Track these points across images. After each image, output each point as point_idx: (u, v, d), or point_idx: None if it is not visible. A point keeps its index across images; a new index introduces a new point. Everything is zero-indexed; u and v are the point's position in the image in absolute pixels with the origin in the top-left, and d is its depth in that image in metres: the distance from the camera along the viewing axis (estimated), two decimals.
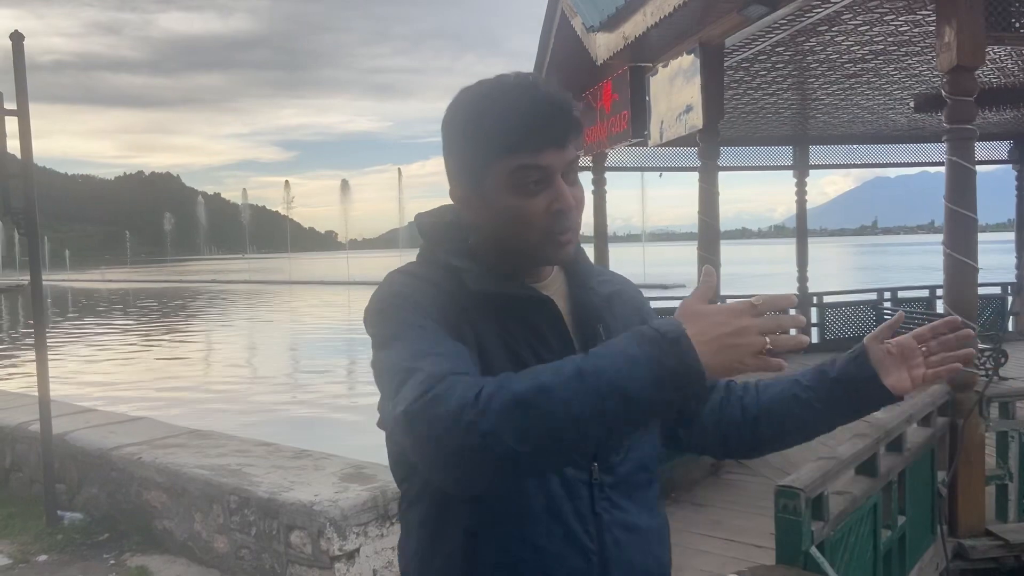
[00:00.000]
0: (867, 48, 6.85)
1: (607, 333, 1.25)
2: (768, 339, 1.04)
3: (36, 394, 6.51)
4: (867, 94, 8.81)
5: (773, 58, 7.11)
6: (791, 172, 12.41)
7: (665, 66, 6.86)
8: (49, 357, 5.30)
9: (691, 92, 6.37)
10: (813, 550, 2.97)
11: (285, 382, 17.73)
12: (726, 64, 6.48)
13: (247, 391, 16.66)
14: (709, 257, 6.44)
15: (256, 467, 4.44)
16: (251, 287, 60.21)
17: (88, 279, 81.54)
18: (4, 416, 5.97)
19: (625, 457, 1.27)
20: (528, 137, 1.14)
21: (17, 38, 4.96)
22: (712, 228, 6.50)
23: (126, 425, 5.60)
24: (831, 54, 7.02)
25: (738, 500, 5.70)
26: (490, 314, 1.20)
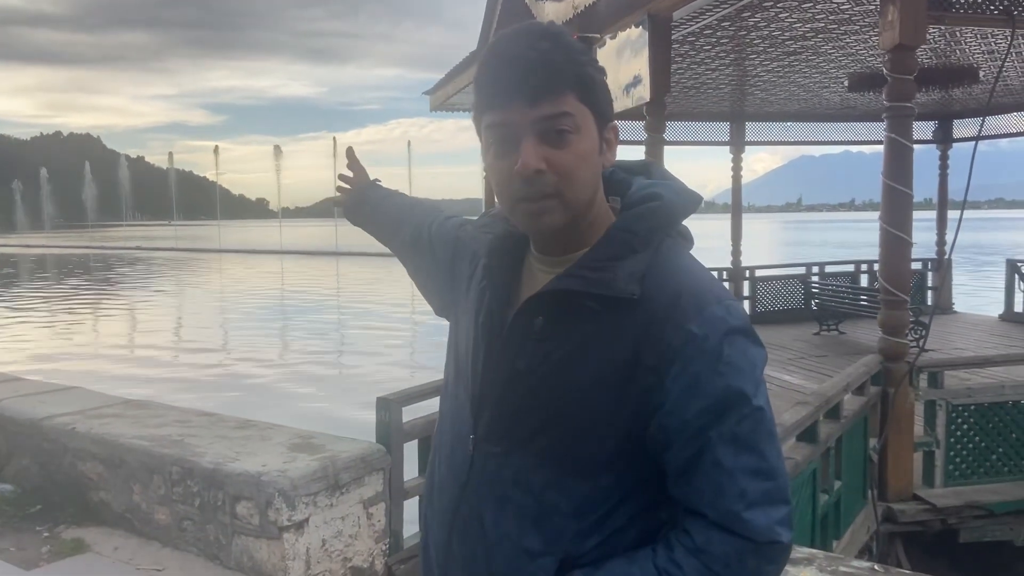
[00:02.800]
0: (808, 26, 6.97)
1: (550, 330, 1.12)
2: None
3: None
4: (804, 72, 9.00)
5: (718, 33, 7.18)
6: (726, 149, 12.64)
7: (613, 38, 6.86)
8: None
9: (639, 65, 6.39)
10: None
11: (215, 350, 17.34)
12: (672, 37, 6.51)
13: (178, 360, 16.24)
14: None
15: (199, 437, 4.34)
16: (179, 255, 58.47)
17: (5, 243, 77.89)
18: None
19: (499, 456, 1.16)
20: (494, 92, 1.07)
21: None
22: None
23: (57, 395, 5.39)
24: (773, 31, 7.13)
25: None
26: (478, 270, 1.29)
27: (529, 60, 1.04)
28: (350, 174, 1.84)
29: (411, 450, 4.28)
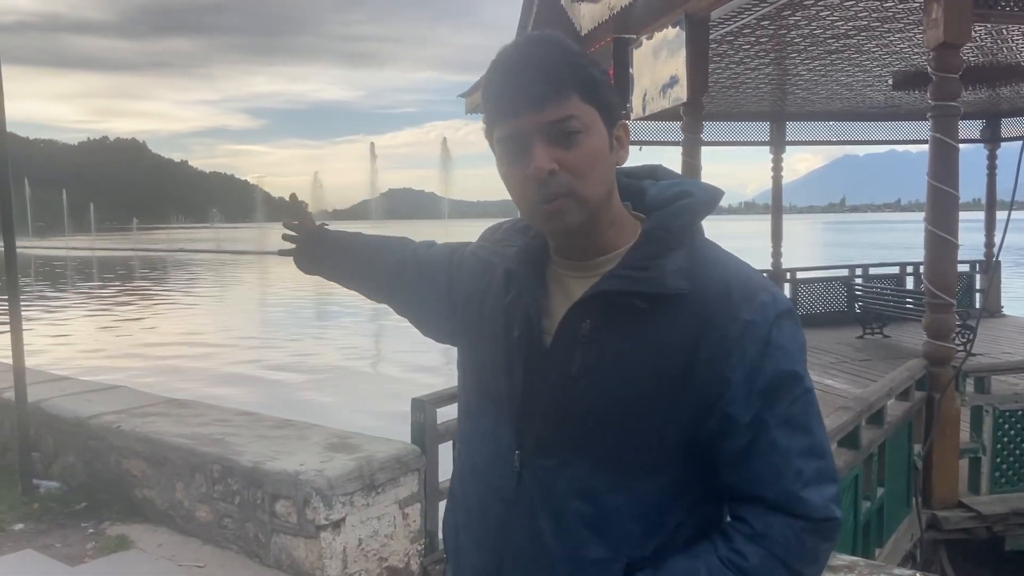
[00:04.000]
0: (851, 24, 6.86)
1: (599, 334, 1.12)
2: None
3: (8, 362, 6.38)
4: (847, 70, 8.85)
5: (757, 32, 7.09)
6: (766, 148, 12.48)
7: (649, 38, 6.82)
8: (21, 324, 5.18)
9: (676, 65, 6.34)
10: None
11: (257, 349, 17.59)
12: (710, 37, 6.45)
13: (221, 362, 16.51)
14: None
15: (239, 436, 4.40)
16: (222, 256, 59.46)
17: (52, 246, 79.96)
18: None
19: (551, 468, 1.15)
20: (501, 104, 1.09)
21: None
22: None
23: (103, 393, 5.51)
24: (815, 29, 7.02)
25: None
26: (497, 280, 1.27)
27: (530, 68, 1.07)
28: (295, 221, 1.71)
29: (445, 451, 4.30)
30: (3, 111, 4.80)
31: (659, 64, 6.65)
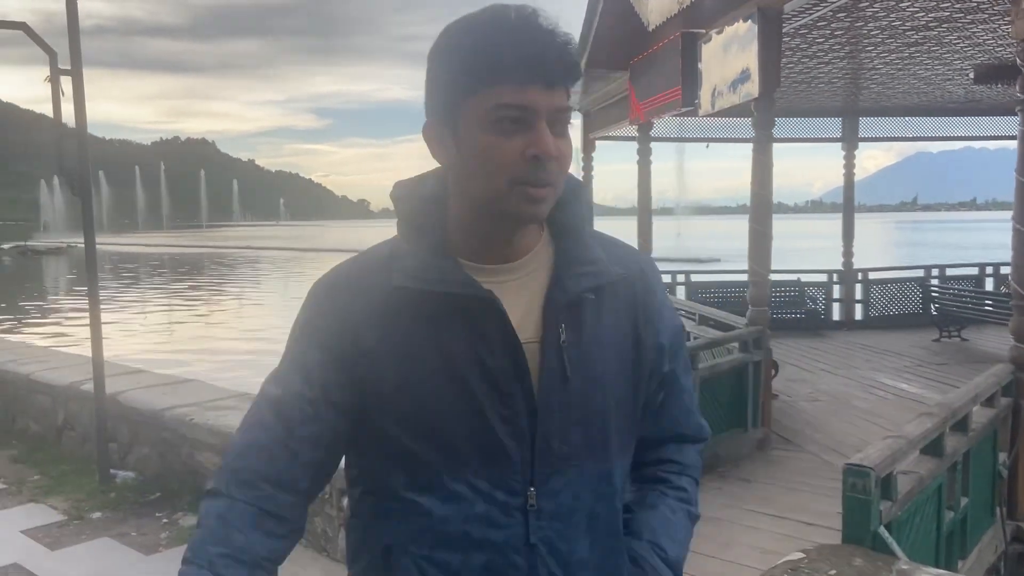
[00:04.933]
0: (932, 15, 6.59)
1: (575, 334, 1.10)
2: None
3: (85, 354, 6.60)
4: (925, 64, 8.51)
5: (832, 24, 6.87)
6: (831, 145, 12.16)
7: (719, 32, 6.67)
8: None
9: (747, 60, 6.18)
10: (882, 530, 2.89)
11: None
12: (783, 30, 6.27)
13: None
14: (762, 230, 6.30)
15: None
16: (289, 254, 60.77)
17: (126, 243, 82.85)
18: (56, 375, 6.06)
19: (572, 480, 1.11)
20: (514, 69, 0.99)
21: None
22: (766, 201, 6.34)
23: (176, 387, 5.65)
24: (893, 20, 6.77)
25: (785, 477, 5.62)
26: (423, 312, 1.06)
27: (550, 47, 1.01)
28: None
29: None
30: (84, 107, 4.96)
31: (729, 59, 6.50)
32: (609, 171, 12.16)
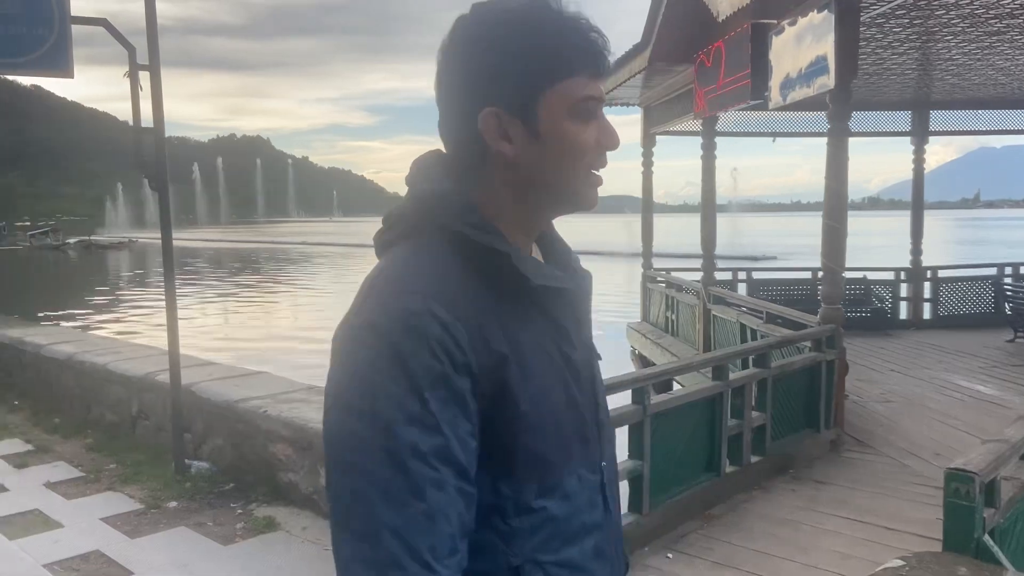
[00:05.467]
0: (1018, 1, 6.32)
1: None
2: None
3: (158, 345, 6.74)
4: (1007, 53, 8.18)
5: (912, 13, 6.64)
6: (889, 140, 11.80)
7: (792, 23, 6.50)
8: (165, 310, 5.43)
9: (822, 51, 6.01)
10: (986, 538, 2.77)
11: None
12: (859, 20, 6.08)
13: None
14: (836, 227, 6.12)
15: None
16: (343, 250, 61.57)
17: (187, 238, 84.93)
18: (131, 366, 6.20)
19: (611, 450, 1.19)
20: (590, 61, 1.02)
21: None
22: (841, 196, 6.16)
23: (247, 379, 5.73)
24: (976, 8, 6.51)
25: (862, 479, 5.46)
26: (523, 311, 1.02)
27: (603, 36, 1.04)
28: None
29: None
30: (161, 103, 5.04)
31: (802, 50, 6.33)
32: (658, 167, 11.98)
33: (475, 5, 1.03)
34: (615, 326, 17.54)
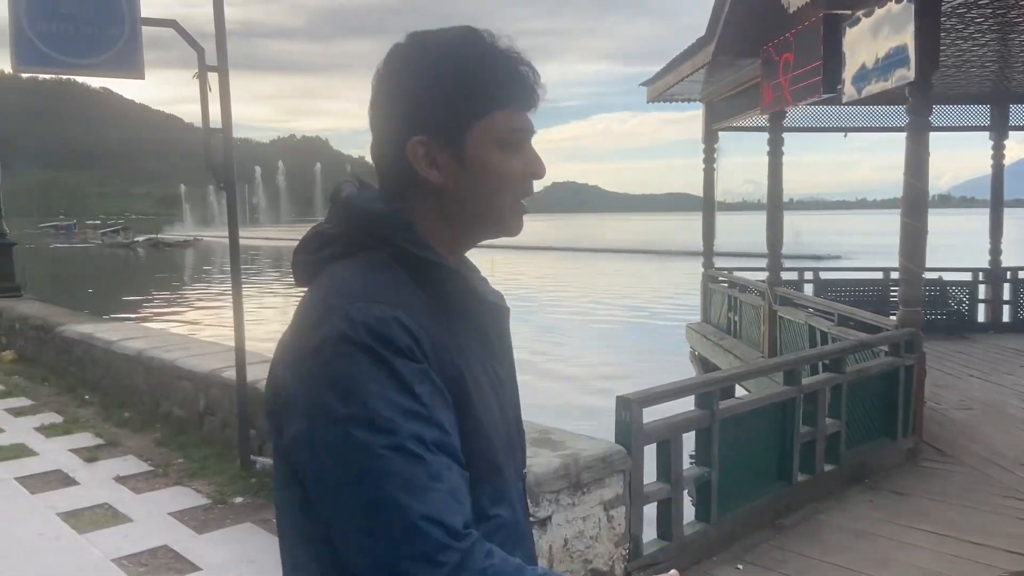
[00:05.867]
0: None
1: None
2: None
3: (224, 342, 6.82)
4: None
5: (995, 3, 6.33)
6: (962, 136, 11.33)
7: (868, 14, 6.25)
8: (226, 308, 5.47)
9: (900, 41, 5.76)
10: None
11: None
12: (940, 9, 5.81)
13: None
14: (916, 226, 5.86)
15: None
16: None
17: (250, 236, 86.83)
18: (199, 362, 6.28)
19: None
20: (519, 95, 1.06)
21: None
22: (921, 193, 5.89)
23: None
24: None
25: (943, 490, 5.21)
26: (458, 325, 1.05)
27: (534, 73, 1.07)
28: None
29: (650, 452, 4.11)
30: (229, 103, 5.08)
31: (879, 42, 6.08)
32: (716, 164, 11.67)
33: (411, 34, 1.07)
34: (674, 327, 17.30)
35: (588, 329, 19.87)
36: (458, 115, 1.03)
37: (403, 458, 0.88)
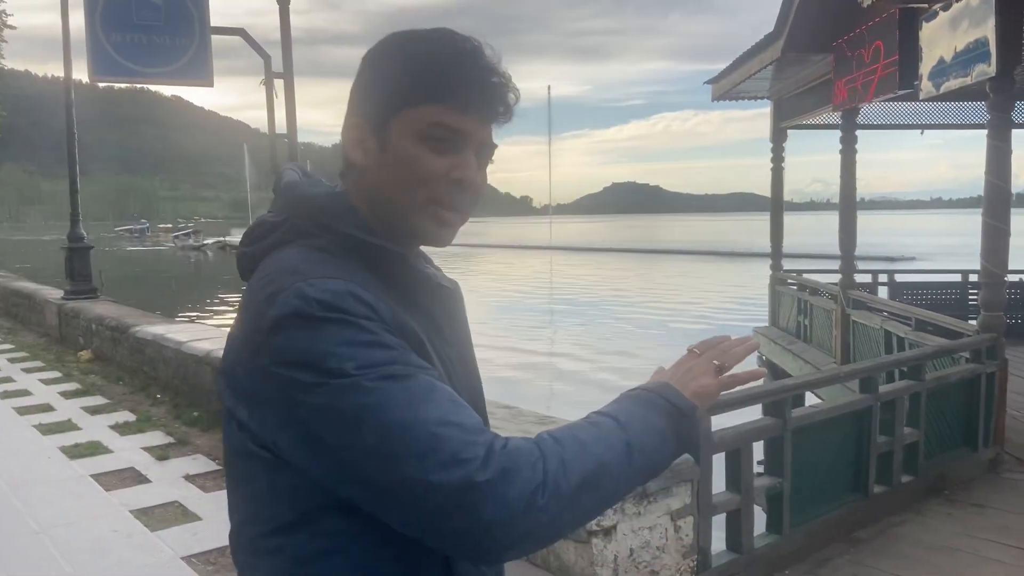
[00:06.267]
0: None
1: None
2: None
3: None
4: None
5: None
6: None
7: (946, 7, 6.00)
8: None
9: (980, 35, 5.52)
10: None
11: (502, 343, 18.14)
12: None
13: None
14: (999, 226, 5.59)
15: (502, 430, 4.34)
16: (458, 250, 62.66)
17: None
18: None
19: None
20: (459, 94, 1.02)
21: (283, 2, 5.14)
22: (1003, 192, 5.62)
23: None
24: None
25: None
26: (412, 308, 1.05)
27: (500, 80, 1.04)
28: None
29: (718, 462, 4.00)
30: (294, 108, 5.14)
31: (958, 36, 5.83)
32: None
33: (400, 30, 1.09)
34: (741, 330, 16.96)
35: (647, 335, 19.63)
36: (389, 101, 1.03)
37: (393, 382, 0.89)
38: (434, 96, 1.02)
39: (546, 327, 20.89)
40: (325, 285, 0.93)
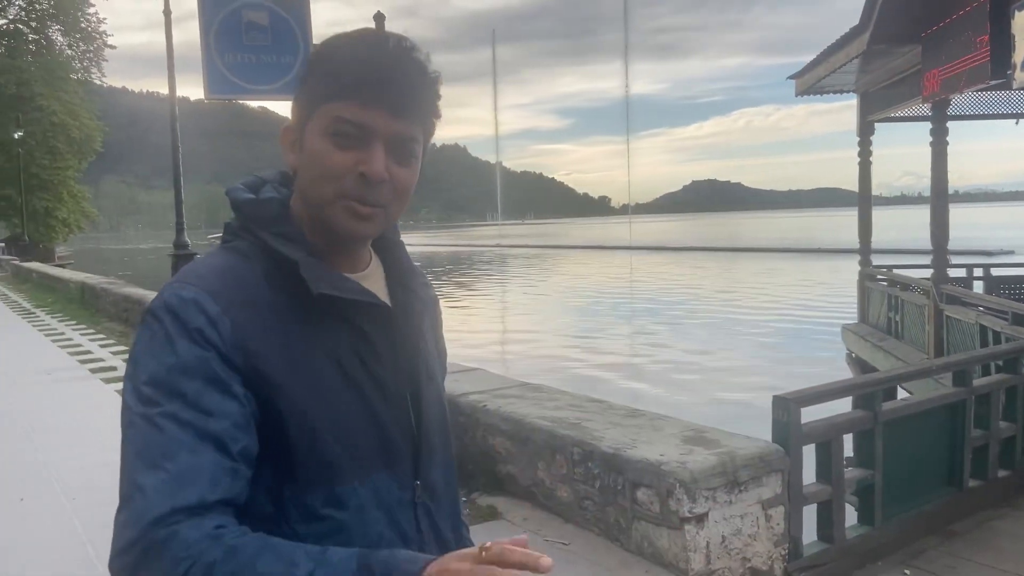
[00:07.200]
0: None
1: (424, 341, 1.21)
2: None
3: None
4: None
5: None
6: None
7: None
8: None
9: None
10: None
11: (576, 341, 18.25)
12: None
13: (551, 349, 17.39)
14: None
15: (593, 422, 4.52)
16: (536, 251, 62.92)
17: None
18: None
19: (439, 472, 1.19)
20: (361, 90, 1.03)
21: (379, 18, 5.43)
22: None
23: (464, 374, 6.01)
24: None
25: None
26: (318, 319, 1.07)
27: (407, 75, 1.06)
28: None
29: (808, 453, 4.07)
30: None
31: None
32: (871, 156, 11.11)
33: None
34: (828, 328, 16.61)
35: (733, 334, 19.40)
36: (308, 100, 1.08)
37: (148, 429, 0.94)
38: (339, 93, 1.04)
39: (626, 326, 20.89)
40: (179, 290, 1.02)
